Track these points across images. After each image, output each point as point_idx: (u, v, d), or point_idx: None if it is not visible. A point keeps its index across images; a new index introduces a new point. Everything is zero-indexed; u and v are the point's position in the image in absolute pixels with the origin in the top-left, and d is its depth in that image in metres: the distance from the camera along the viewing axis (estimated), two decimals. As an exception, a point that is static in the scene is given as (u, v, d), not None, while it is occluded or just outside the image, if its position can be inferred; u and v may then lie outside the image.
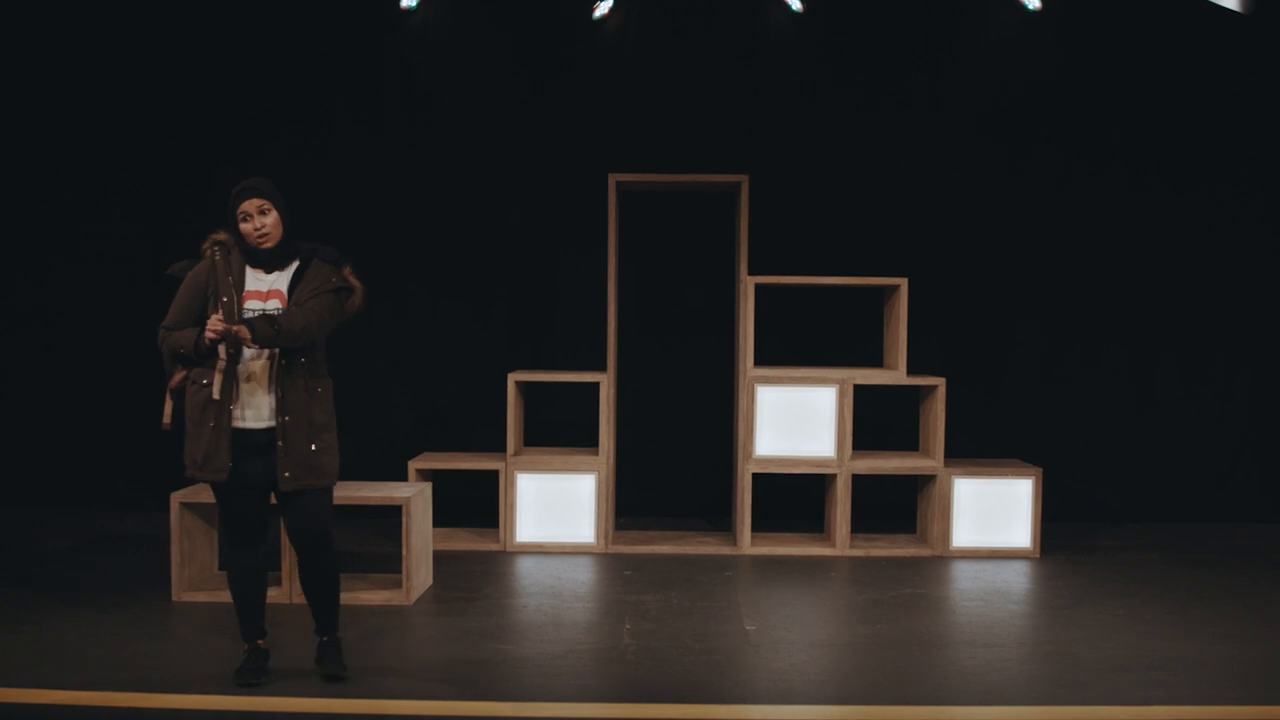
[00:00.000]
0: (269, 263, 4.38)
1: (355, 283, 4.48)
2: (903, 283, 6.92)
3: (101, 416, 7.81)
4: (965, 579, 6.35)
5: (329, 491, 4.46)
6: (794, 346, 7.58)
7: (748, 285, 6.93)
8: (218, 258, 4.37)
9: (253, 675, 4.47)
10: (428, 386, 7.80)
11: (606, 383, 6.99)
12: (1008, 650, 5.06)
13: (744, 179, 6.92)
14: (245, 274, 4.37)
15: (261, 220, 4.34)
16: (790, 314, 7.64)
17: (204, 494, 5.71)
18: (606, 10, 7.58)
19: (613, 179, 6.96)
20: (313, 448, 4.35)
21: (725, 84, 7.75)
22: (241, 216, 4.34)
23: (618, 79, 7.74)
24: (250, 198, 4.34)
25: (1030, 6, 7.47)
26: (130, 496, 7.67)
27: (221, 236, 4.42)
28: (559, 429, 7.60)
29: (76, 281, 7.84)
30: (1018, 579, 6.35)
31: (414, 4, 7.57)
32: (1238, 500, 7.90)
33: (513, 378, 7.04)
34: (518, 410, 7.13)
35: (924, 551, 6.89)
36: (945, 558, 6.81)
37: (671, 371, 7.86)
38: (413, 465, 6.84)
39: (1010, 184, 7.83)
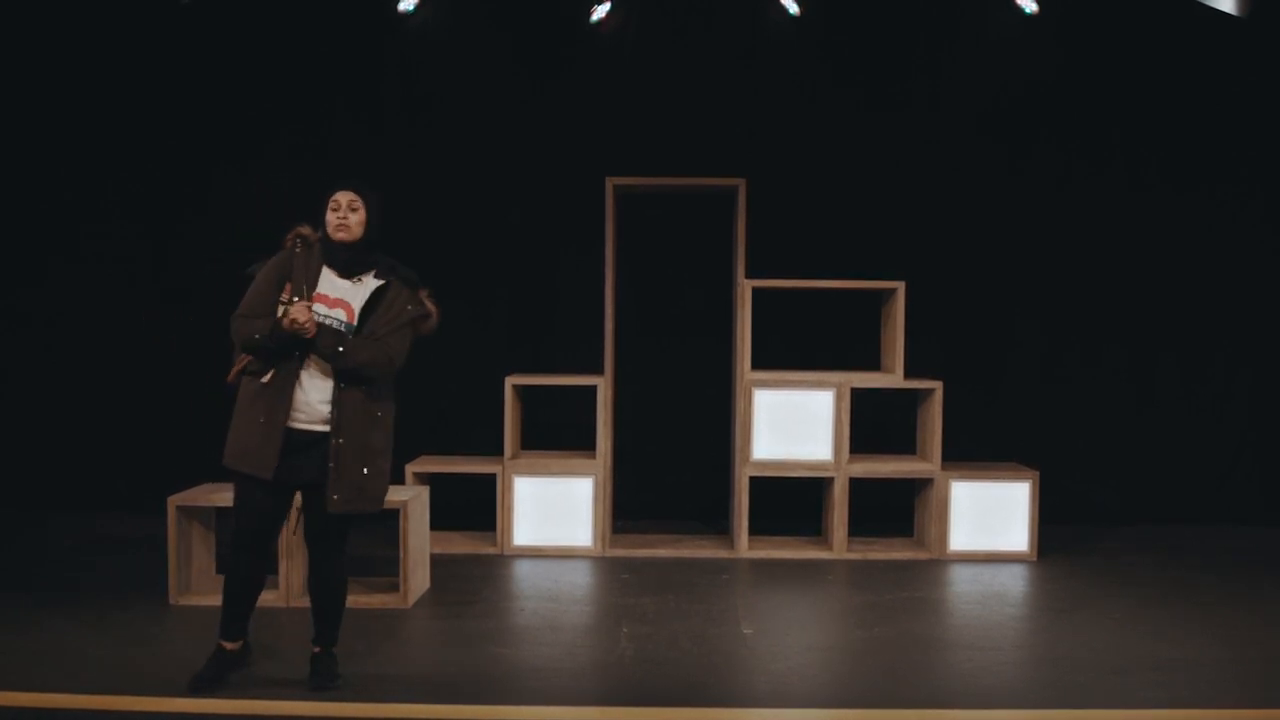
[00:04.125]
0: (344, 265, 4.32)
1: (431, 307, 4.46)
2: (900, 286, 6.92)
3: (101, 417, 7.82)
4: (963, 582, 6.35)
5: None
6: (793, 348, 7.57)
7: (745, 288, 6.92)
8: (298, 249, 4.33)
9: (208, 682, 4.37)
10: (427, 387, 7.77)
11: (604, 385, 6.98)
12: (1005, 653, 5.06)
13: (741, 181, 6.91)
14: (321, 274, 4.31)
15: (348, 214, 4.31)
16: (789, 316, 7.63)
17: (200, 497, 5.72)
18: (604, 14, 7.56)
19: (610, 182, 6.95)
20: (365, 471, 4.30)
21: (725, 84, 7.73)
22: (332, 205, 4.32)
23: (617, 79, 7.73)
24: (345, 189, 4.34)
25: (1027, 10, 7.45)
26: (130, 497, 7.64)
27: (305, 230, 4.38)
28: (558, 430, 7.58)
29: (76, 281, 7.84)
30: (1015, 582, 6.34)
31: (411, 8, 7.56)
32: (1237, 501, 7.89)
33: (510, 381, 7.03)
34: (515, 413, 7.13)
35: (921, 554, 6.89)
36: (943, 561, 6.81)
37: (670, 374, 7.85)
38: (410, 468, 6.84)
39: (1010, 184, 7.82)
